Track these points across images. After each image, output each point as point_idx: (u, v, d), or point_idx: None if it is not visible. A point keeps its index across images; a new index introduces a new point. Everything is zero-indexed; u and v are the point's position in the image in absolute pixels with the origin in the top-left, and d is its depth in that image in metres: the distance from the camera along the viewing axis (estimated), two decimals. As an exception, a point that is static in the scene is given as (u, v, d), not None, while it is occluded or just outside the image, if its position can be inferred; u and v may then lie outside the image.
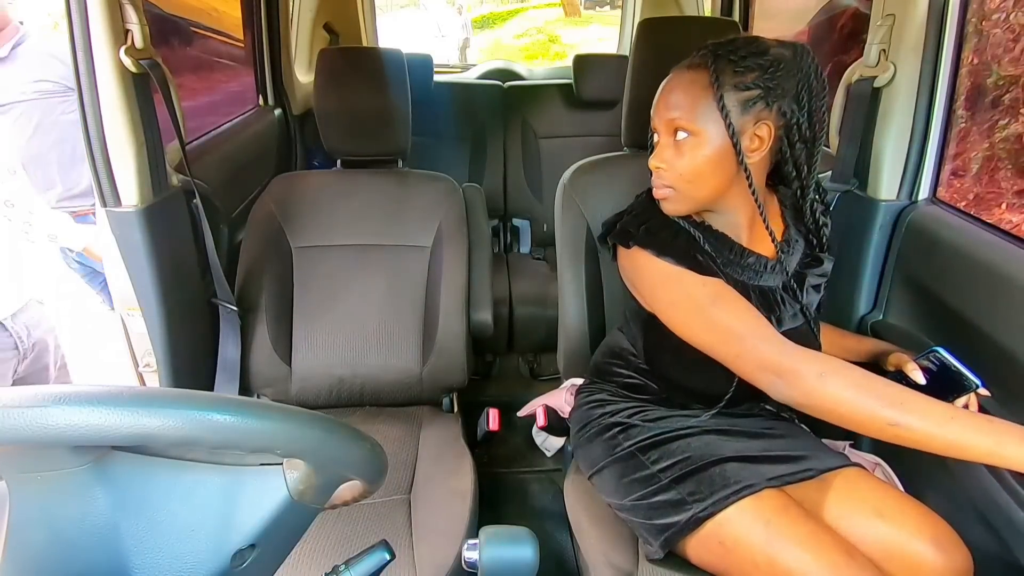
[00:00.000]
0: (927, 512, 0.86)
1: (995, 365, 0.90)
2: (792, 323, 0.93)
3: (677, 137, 0.86)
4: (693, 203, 0.89)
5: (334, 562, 0.54)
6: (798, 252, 0.96)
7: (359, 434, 0.46)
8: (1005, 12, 1.59)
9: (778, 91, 0.83)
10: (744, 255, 0.92)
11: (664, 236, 0.90)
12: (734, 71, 0.82)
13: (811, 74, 0.84)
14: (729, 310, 0.84)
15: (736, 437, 0.94)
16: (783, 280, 0.93)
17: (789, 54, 0.84)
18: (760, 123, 0.84)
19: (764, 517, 0.82)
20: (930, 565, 0.82)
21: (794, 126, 0.85)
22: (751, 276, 0.92)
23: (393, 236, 1.37)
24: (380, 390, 1.35)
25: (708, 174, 0.86)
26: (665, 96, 0.87)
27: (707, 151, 0.84)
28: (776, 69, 0.82)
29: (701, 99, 0.83)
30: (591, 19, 11.53)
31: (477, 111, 2.31)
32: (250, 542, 0.45)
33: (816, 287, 0.98)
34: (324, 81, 1.34)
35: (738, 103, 0.83)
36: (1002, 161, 1.65)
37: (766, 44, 0.84)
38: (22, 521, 0.43)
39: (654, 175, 0.89)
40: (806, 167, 0.89)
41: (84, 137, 1.04)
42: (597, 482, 1.01)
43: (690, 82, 0.85)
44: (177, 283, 1.17)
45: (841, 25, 1.82)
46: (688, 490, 0.88)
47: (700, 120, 0.84)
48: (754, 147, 0.85)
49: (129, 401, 0.36)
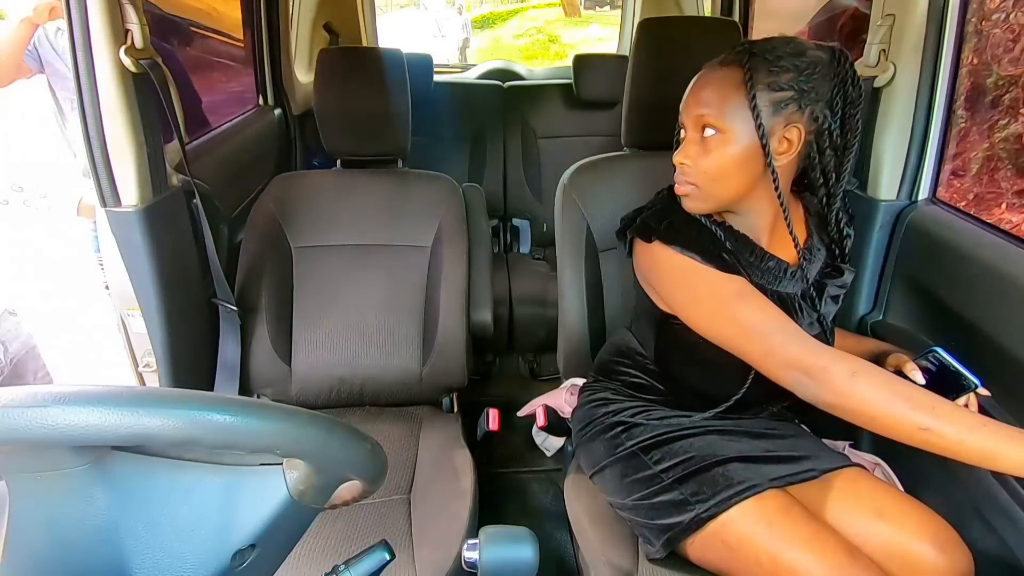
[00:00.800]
0: (927, 512, 0.86)
1: (995, 365, 0.90)
2: (808, 331, 0.90)
3: (705, 134, 0.84)
4: (715, 202, 0.87)
5: (334, 562, 0.54)
6: (819, 261, 0.95)
7: (359, 434, 0.46)
8: (1005, 12, 1.59)
9: (812, 94, 0.81)
10: (765, 258, 0.90)
11: (688, 232, 0.88)
12: (769, 70, 0.80)
13: (847, 80, 0.82)
14: (755, 307, 0.82)
15: (738, 437, 0.94)
16: (803, 288, 0.92)
17: (827, 57, 0.82)
18: (791, 126, 0.82)
19: (767, 518, 0.82)
20: (931, 565, 0.82)
21: (825, 132, 0.84)
22: (770, 280, 0.90)
23: (393, 236, 1.37)
24: (380, 390, 1.35)
25: (732, 173, 0.84)
26: (696, 92, 0.86)
27: (734, 150, 0.82)
28: (812, 72, 0.81)
29: (732, 97, 0.82)
30: (591, 19, 11.53)
31: (477, 111, 2.31)
32: (250, 542, 0.45)
33: (835, 298, 0.96)
34: (324, 81, 1.34)
35: (770, 103, 0.81)
36: (1002, 161, 1.65)
37: (804, 45, 0.82)
38: (22, 521, 0.43)
39: (677, 171, 0.88)
40: (834, 175, 0.87)
41: (84, 137, 1.04)
42: (599, 481, 1.01)
43: (722, 79, 0.83)
44: (177, 283, 1.17)
45: (841, 25, 1.82)
46: (691, 490, 0.88)
47: (729, 118, 0.82)
48: (782, 150, 0.83)
49: (129, 401, 0.36)
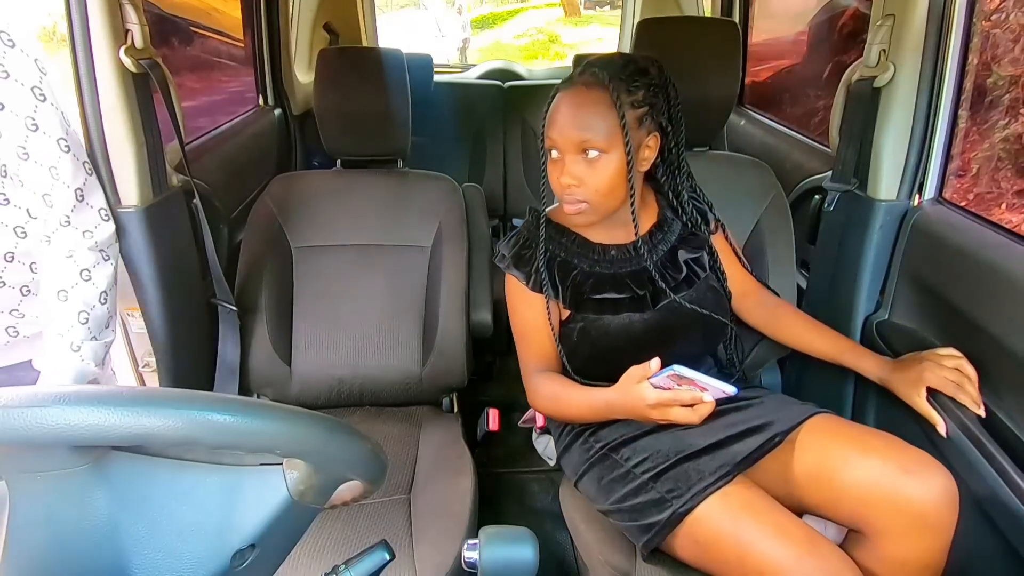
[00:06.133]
0: (898, 443, 0.86)
1: (1002, 366, 0.90)
2: (667, 298, 1.00)
3: (588, 155, 0.91)
4: (607, 211, 0.97)
5: (334, 562, 0.54)
6: (676, 230, 1.05)
7: (359, 434, 0.46)
8: (1005, 12, 1.59)
9: (658, 105, 0.94)
10: (606, 251, 1.01)
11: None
12: (628, 90, 0.91)
13: (669, 85, 0.96)
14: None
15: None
16: (653, 260, 1.00)
17: (656, 70, 0.95)
18: (650, 135, 0.94)
19: (732, 513, 0.83)
20: (908, 492, 0.81)
21: (670, 133, 0.97)
22: (620, 266, 1.01)
23: (393, 236, 1.37)
24: (380, 390, 1.35)
25: (618, 185, 0.93)
26: (571, 116, 0.92)
27: (618, 165, 0.92)
28: (656, 85, 0.93)
29: (608, 118, 0.90)
30: (591, 19, 11.54)
31: (477, 111, 2.31)
32: (250, 542, 0.45)
33: (696, 260, 1.04)
34: (324, 81, 1.34)
35: (634, 119, 0.92)
36: (1002, 161, 1.65)
37: (639, 61, 0.94)
38: (22, 521, 0.43)
39: (564, 191, 0.94)
40: (676, 167, 1.01)
41: (84, 137, 1.04)
42: (582, 488, 1.02)
43: (595, 102, 0.91)
44: (177, 283, 1.17)
45: (841, 25, 1.82)
46: (667, 487, 0.89)
47: (610, 138, 0.91)
48: (646, 156, 0.96)
49: (129, 401, 0.36)
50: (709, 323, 1.02)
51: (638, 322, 0.98)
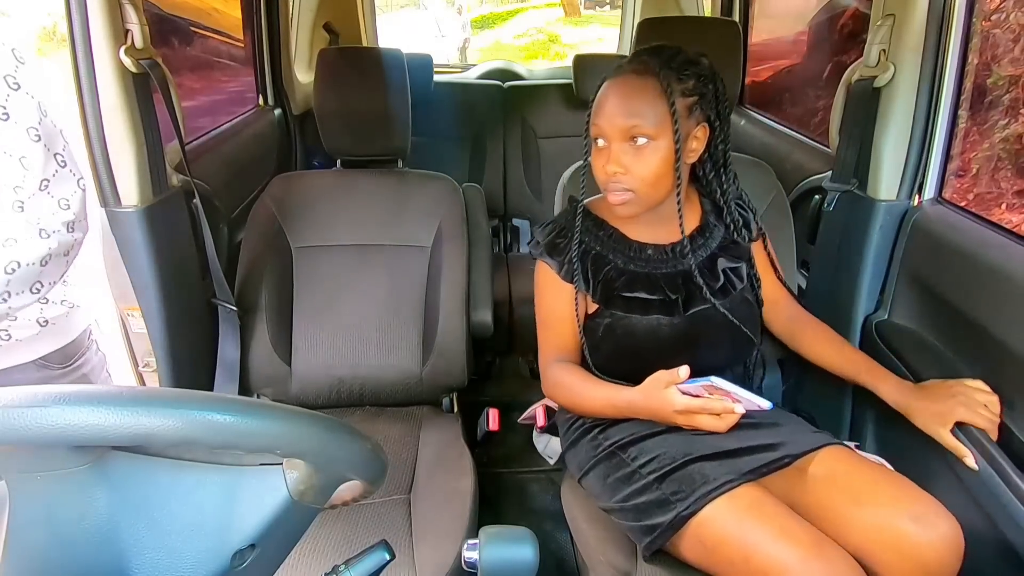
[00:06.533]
0: (909, 487, 0.85)
1: (1003, 366, 0.90)
2: (699, 305, 0.98)
3: (637, 143, 0.91)
4: (649, 204, 0.95)
5: (334, 562, 0.54)
6: (717, 238, 1.03)
7: (359, 434, 0.46)
8: (1005, 12, 1.59)
9: (708, 96, 0.93)
10: (643, 250, 1.00)
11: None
12: (678, 78, 0.91)
13: (717, 78, 0.95)
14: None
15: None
16: (693, 264, 0.98)
17: (706, 62, 0.94)
18: (699, 126, 0.94)
19: (737, 515, 0.83)
20: (917, 540, 0.80)
21: (717, 126, 0.96)
22: (656, 266, 1.00)
23: (393, 236, 1.37)
24: (380, 390, 1.35)
25: (665, 175, 0.92)
26: (621, 103, 0.91)
27: (665, 154, 0.91)
28: (706, 76, 0.93)
29: (657, 105, 0.90)
30: (591, 19, 11.53)
31: (477, 111, 2.31)
32: (250, 542, 0.45)
33: (734, 271, 1.02)
34: (324, 81, 1.34)
35: (684, 108, 0.91)
36: (1002, 161, 1.65)
37: (692, 53, 0.94)
38: (22, 521, 0.43)
39: (609, 180, 0.93)
40: (723, 164, 1.00)
41: (84, 137, 1.04)
42: (586, 485, 1.02)
43: (643, 89, 0.90)
44: (177, 283, 1.17)
45: (841, 25, 1.82)
46: (671, 489, 0.88)
47: (660, 126, 0.90)
48: (694, 147, 0.94)
49: (129, 401, 0.36)
50: (737, 336, 1.01)
51: (666, 326, 0.97)
